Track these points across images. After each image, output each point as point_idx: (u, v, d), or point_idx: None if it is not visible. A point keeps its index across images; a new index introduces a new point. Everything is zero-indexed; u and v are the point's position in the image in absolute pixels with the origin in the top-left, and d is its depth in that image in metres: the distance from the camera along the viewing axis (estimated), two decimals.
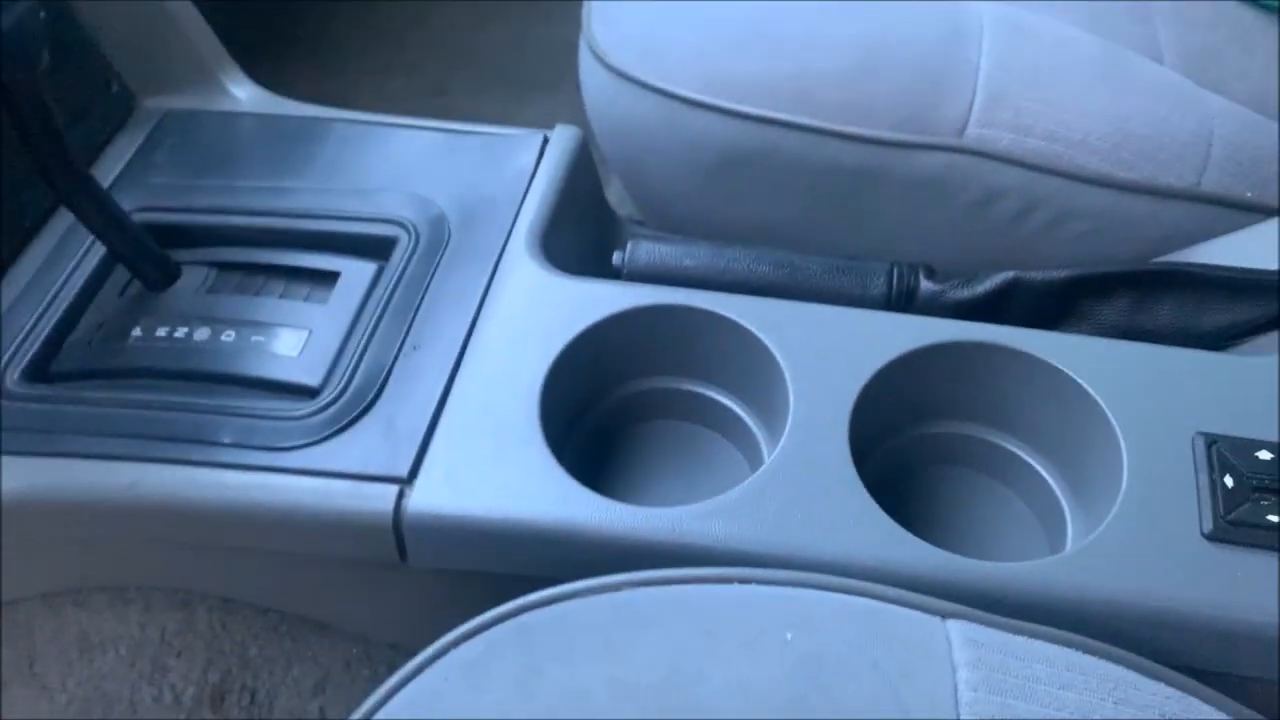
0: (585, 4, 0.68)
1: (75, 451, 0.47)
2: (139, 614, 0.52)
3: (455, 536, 0.43)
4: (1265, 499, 0.41)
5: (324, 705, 0.50)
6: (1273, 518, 0.40)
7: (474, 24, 1.14)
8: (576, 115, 0.66)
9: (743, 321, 0.48)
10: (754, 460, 0.49)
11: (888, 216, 0.57)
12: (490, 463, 0.44)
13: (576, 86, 0.66)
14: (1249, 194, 0.55)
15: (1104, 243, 0.55)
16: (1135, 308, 0.49)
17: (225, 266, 0.56)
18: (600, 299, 0.49)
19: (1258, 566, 0.40)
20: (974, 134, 0.55)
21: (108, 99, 0.66)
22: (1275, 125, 0.59)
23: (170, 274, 0.55)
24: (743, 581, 0.38)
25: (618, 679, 0.35)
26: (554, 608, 0.37)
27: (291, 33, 1.14)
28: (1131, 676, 0.36)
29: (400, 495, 0.44)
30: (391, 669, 0.50)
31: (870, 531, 0.41)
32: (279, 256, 0.56)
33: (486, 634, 0.37)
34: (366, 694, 0.37)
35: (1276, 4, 0.67)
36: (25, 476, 0.47)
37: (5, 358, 0.51)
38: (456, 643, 0.37)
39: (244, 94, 0.67)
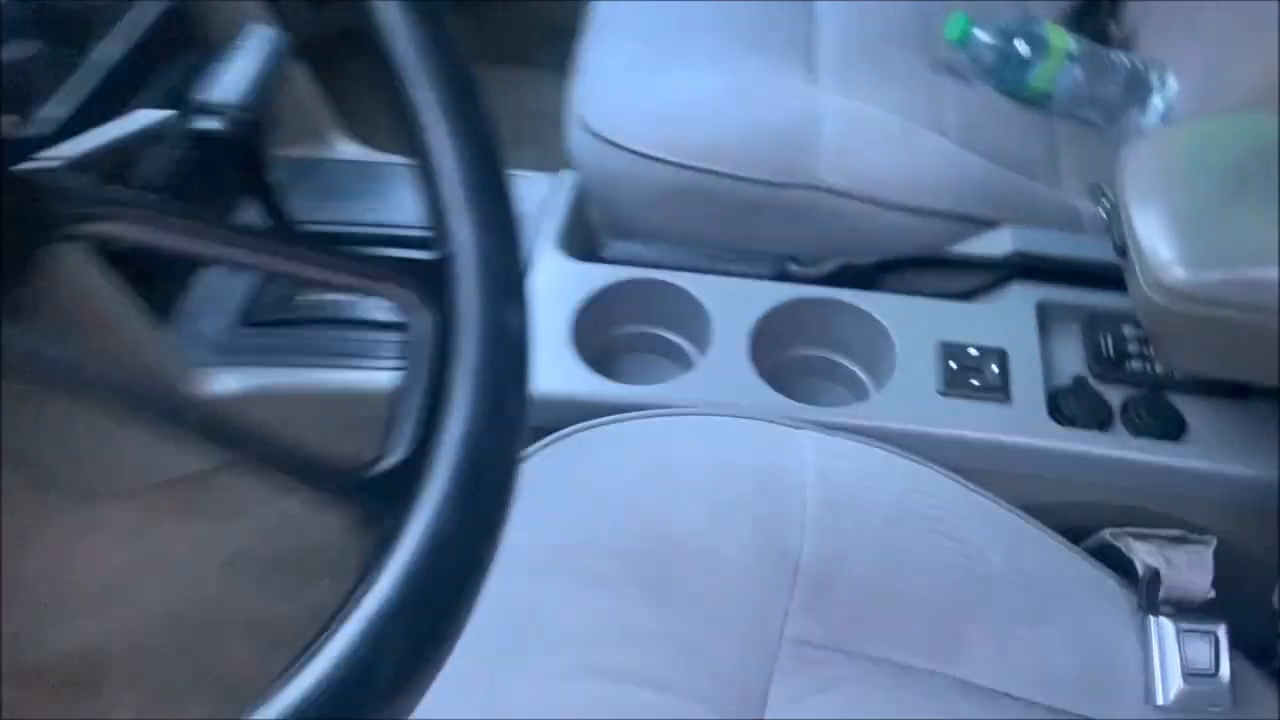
0: (573, 88, 1.00)
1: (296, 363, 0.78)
2: None
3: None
4: (971, 376, 0.76)
5: None
6: (975, 383, 0.75)
7: None
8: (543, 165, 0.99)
9: (687, 287, 0.81)
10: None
11: (773, 229, 0.91)
12: (551, 365, 0.77)
13: (541, 145, 0.97)
14: (978, 212, 0.90)
15: (895, 243, 0.90)
16: (914, 277, 0.84)
17: None
18: (604, 273, 0.82)
19: (970, 408, 0.75)
20: (823, 179, 0.89)
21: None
22: (1004, 170, 0.94)
23: None
24: (688, 414, 0.71)
25: (641, 458, 0.68)
26: (604, 428, 0.70)
27: None
28: (919, 466, 0.70)
29: None
30: None
31: (757, 393, 0.75)
32: None
33: (574, 436, 0.69)
34: None
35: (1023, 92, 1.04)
36: (257, 378, 0.78)
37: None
38: (562, 438, 0.69)
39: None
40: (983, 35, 1.04)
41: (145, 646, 0.90)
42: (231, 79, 0.72)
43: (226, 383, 0.77)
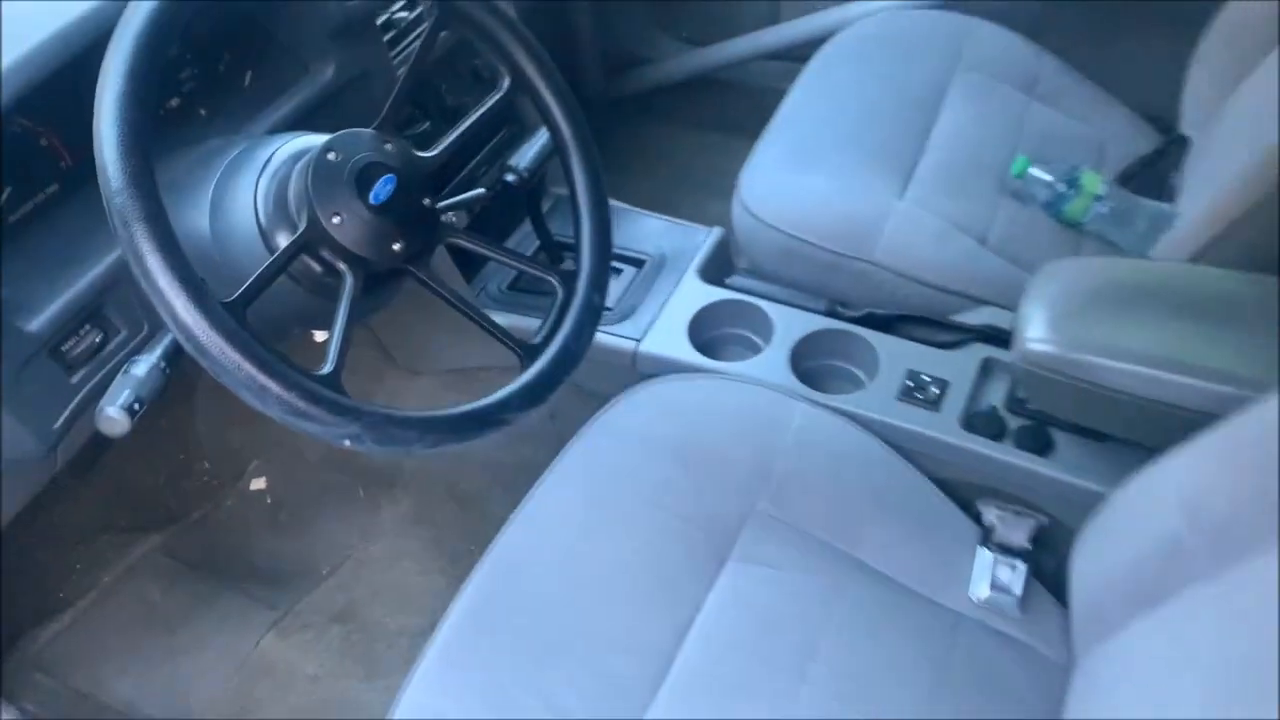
0: (744, 170, 1.52)
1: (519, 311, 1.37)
2: None
3: (651, 362, 1.30)
4: (918, 392, 1.22)
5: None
6: (919, 396, 1.22)
7: (690, 151, 2.04)
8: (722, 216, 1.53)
9: (764, 308, 1.33)
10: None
11: (835, 282, 1.39)
12: (670, 341, 1.31)
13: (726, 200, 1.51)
14: (980, 294, 1.35)
15: (912, 305, 1.36)
16: (914, 328, 1.31)
17: None
18: (719, 293, 1.35)
19: (912, 410, 1.22)
20: (877, 258, 1.37)
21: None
22: (1016, 269, 1.37)
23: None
24: (735, 380, 1.23)
25: (701, 395, 1.21)
26: (687, 379, 1.23)
27: None
28: (864, 435, 1.19)
29: (636, 345, 1.31)
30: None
31: (784, 377, 1.25)
32: None
33: (662, 381, 1.24)
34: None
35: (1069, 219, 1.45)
36: (505, 318, 1.37)
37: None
38: (667, 380, 1.23)
39: None
40: (1037, 173, 1.47)
41: (422, 468, 1.53)
42: (528, 153, 1.31)
43: (497, 316, 1.37)
